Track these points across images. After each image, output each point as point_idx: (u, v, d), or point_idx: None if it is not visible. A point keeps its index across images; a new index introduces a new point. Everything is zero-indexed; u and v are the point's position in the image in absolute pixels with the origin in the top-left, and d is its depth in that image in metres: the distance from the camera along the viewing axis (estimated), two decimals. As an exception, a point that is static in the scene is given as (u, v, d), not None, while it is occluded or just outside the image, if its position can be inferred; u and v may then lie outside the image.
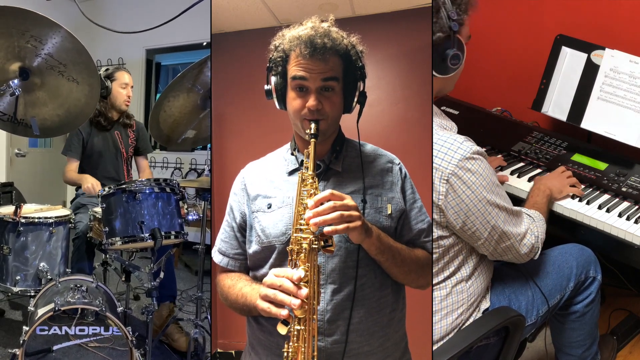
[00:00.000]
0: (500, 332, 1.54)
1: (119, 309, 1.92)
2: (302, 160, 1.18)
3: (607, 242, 1.79)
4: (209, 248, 2.37)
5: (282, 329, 1.03)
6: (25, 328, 1.73)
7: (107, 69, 2.80)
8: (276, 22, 2.29)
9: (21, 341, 1.69)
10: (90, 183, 2.48)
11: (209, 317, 2.33)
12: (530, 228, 1.54)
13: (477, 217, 1.41)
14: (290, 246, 1.07)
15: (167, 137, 2.28)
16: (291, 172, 1.26)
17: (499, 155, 2.12)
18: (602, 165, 2.01)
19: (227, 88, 2.39)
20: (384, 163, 1.28)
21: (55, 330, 1.74)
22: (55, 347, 1.75)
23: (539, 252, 1.57)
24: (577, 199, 1.88)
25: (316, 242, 1.04)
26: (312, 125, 1.14)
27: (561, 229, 1.89)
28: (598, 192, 1.92)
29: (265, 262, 1.23)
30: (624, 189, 1.91)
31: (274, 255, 1.20)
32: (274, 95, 1.23)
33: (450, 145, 1.39)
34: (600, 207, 1.84)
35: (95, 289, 1.95)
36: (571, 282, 1.71)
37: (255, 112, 2.37)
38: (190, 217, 2.19)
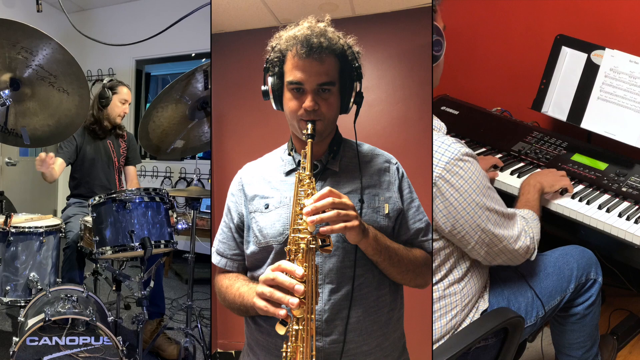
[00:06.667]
0: (499, 333, 1.53)
1: (110, 319, 1.92)
2: (299, 161, 1.18)
3: (607, 242, 1.79)
4: (198, 257, 2.41)
5: (280, 329, 1.02)
6: (15, 339, 1.73)
7: (110, 80, 2.84)
8: (276, 22, 2.28)
9: (11, 352, 1.68)
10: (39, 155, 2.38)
11: (199, 325, 2.35)
12: (524, 229, 1.52)
13: (466, 220, 1.40)
14: (288, 246, 1.07)
15: (156, 147, 2.31)
16: (288, 173, 1.26)
17: (497, 156, 2.12)
18: (602, 165, 2.01)
19: (227, 88, 2.39)
20: (381, 163, 1.28)
21: (45, 340, 1.73)
22: (45, 358, 1.73)
23: (535, 252, 1.56)
24: (577, 198, 1.87)
25: (314, 242, 1.04)
26: (309, 126, 1.13)
27: (561, 229, 1.89)
28: (598, 192, 1.92)
29: (263, 262, 1.23)
30: (624, 189, 1.90)
31: (271, 256, 1.20)
32: (271, 96, 1.23)
33: (437, 148, 1.37)
34: (600, 207, 1.84)
35: (85, 299, 1.95)
36: (572, 284, 1.71)
37: (256, 113, 2.37)
38: (179, 226, 2.21)
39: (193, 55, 4.49)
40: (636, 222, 1.77)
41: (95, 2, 4.93)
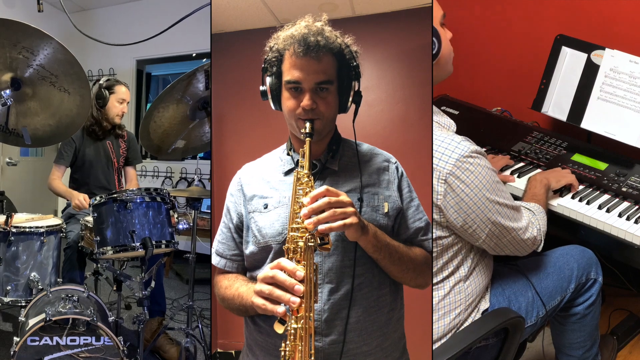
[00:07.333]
0: (499, 333, 1.53)
1: (110, 319, 1.92)
2: (298, 160, 1.18)
3: (607, 242, 1.78)
4: (199, 257, 2.41)
5: (279, 328, 1.02)
6: (16, 339, 1.73)
7: (108, 80, 2.83)
8: (276, 22, 2.28)
9: (12, 352, 1.68)
10: (78, 199, 2.49)
11: (200, 326, 2.35)
12: (531, 221, 1.54)
13: (478, 214, 1.41)
14: (287, 245, 1.06)
15: (157, 147, 2.32)
16: (287, 172, 1.26)
17: (506, 155, 2.12)
18: (602, 165, 2.01)
19: (227, 88, 2.39)
20: (380, 162, 1.28)
21: (46, 340, 1.73)
22: (46, 358, 1.73)
23: (542, 244, 1.58)
24: (577, 198, 1.87)
25: (312, 240, 1.03)
26: (307, 125, 1.14)
27: (561, 229, 1.89)
28: (598, 192, 1.92)
29: (262, 262, 1.23)
30: (624, 189, 1.90)
31: (270, 256, 1.20)
32: (269, 96, 1.23)
33: (447, 145, 1.38)
34: (600, 207, 1.84)
35: (86, 299, 1.95)
36: (572, 284, 1.71)
37: (256, 113, 2.37)
38: (180, 226, 2.21)
39: (194, 55, 4.50)
40: (636, 222, 1.76)
41: (96, 2, 4.94)
